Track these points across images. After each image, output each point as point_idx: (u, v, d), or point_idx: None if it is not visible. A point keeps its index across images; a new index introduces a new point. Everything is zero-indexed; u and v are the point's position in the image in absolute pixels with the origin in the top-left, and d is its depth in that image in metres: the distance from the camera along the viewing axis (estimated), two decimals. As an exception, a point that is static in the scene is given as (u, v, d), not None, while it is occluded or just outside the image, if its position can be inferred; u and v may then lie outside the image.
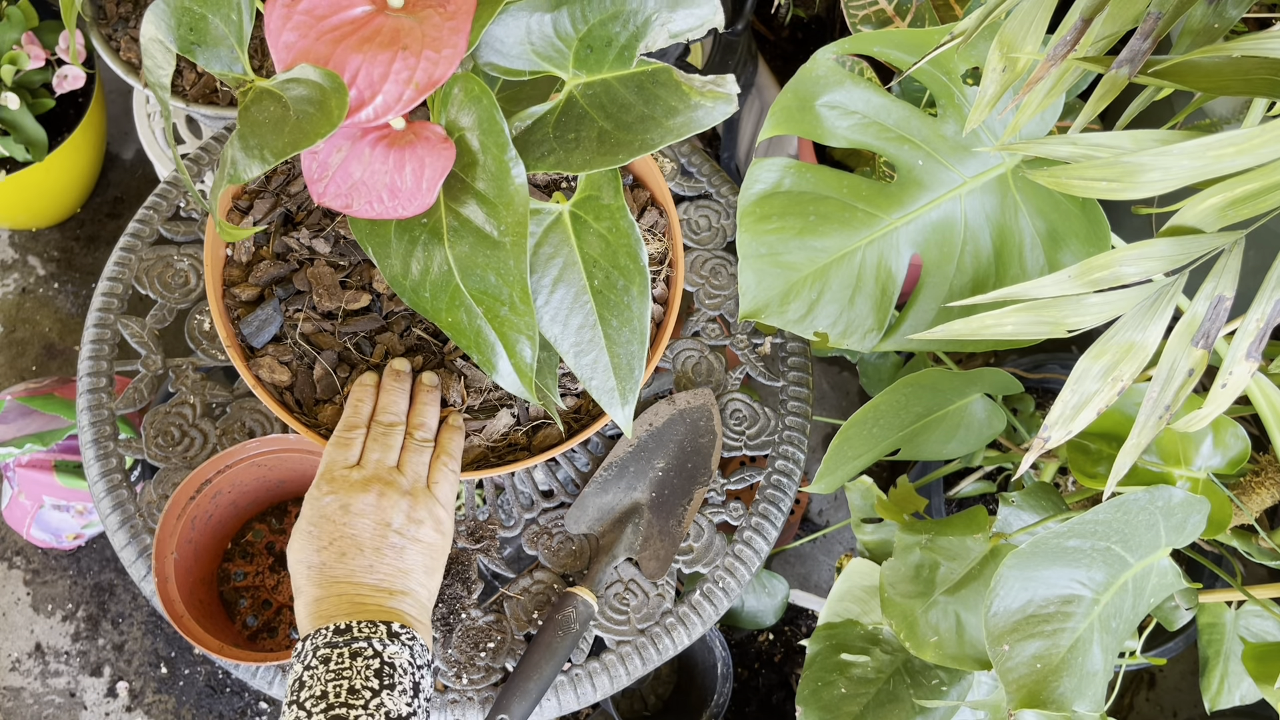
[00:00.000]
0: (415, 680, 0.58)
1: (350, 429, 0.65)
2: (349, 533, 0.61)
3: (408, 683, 0.57)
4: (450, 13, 0.46)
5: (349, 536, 0.61)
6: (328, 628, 0.57)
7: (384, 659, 0.57)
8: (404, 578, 0.61)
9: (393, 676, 0.56)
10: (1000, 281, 0.67)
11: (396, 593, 0.61)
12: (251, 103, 0.49)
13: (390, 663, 0.57)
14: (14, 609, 1.40)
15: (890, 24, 0.87)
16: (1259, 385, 0.62)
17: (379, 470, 0.63)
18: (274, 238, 0.72)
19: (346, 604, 0.59)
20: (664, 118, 0.49)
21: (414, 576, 0.62)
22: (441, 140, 0.50)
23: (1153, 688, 1.40)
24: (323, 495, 0.62)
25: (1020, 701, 0.61)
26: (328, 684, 0.55)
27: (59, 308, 1.56)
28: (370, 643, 0.57)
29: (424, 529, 0.63)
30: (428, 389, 0.68)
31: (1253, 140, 0.42)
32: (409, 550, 0.62)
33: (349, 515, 0.61)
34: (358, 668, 0.56)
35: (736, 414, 0.86)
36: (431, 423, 0.67)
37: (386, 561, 0.61)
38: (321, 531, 0.61)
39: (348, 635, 0.57)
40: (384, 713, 0.55)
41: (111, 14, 1.20)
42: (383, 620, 0.58)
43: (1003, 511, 0.72)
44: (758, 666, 1.26)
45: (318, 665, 0.56)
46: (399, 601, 0.60)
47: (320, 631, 0.57)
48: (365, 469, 0.63)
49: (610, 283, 0.56)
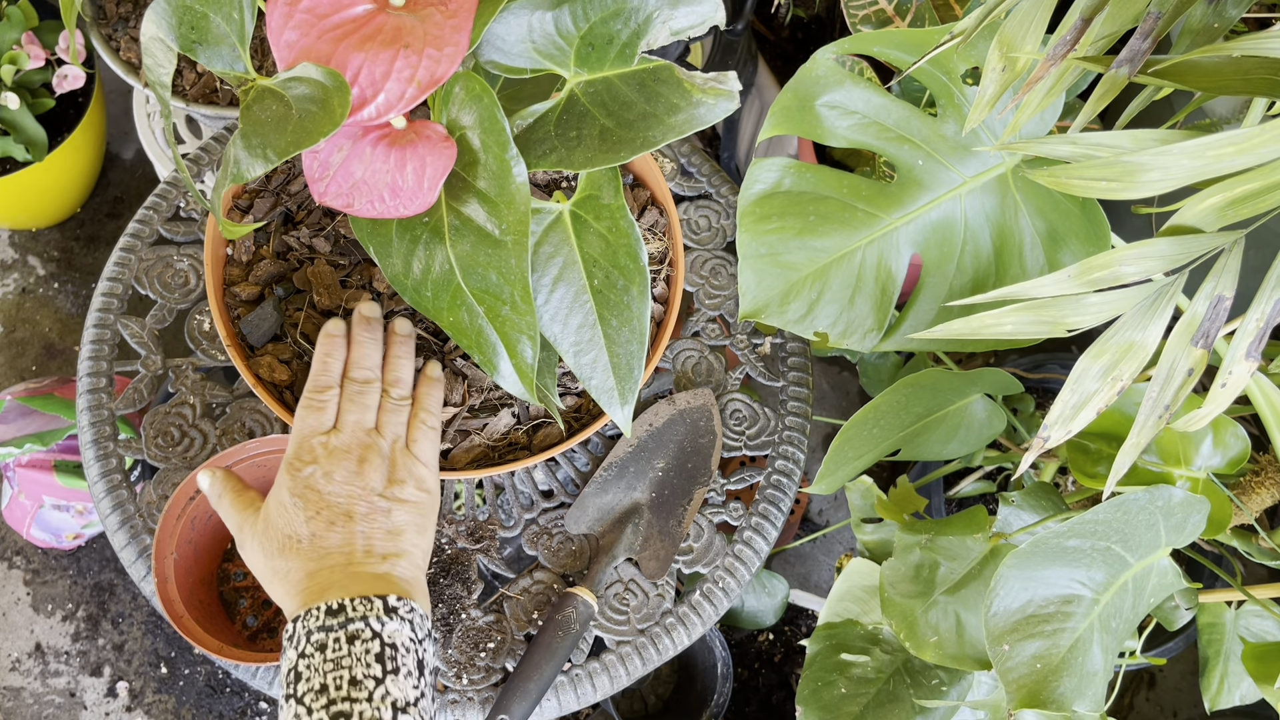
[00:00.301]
0: (419, 658, 0.56)
1: (322, 389, 0.62)
2: (334, 501, 0.59)
3: (411, 663, 0.55)
4: (452, 11, 0.46)
5: (335, 505, 0.59)
6: (319, 608, 0.55)
7: (384, 640, 0.54)
8: (395, 539, 0.60)
9: (395, 659, 0.54)
10: (1000, 281, 0.67)
11: (390, 555, 0.59)
12: (254, 102, 0.49)
13: (390, 643, 0.54)
14: (14, 609, 1.40)
15: (890, 24, 0.87)
16: (1259, 385, 0.62)
17: (357, 434, 0.61)
18: (274, 237, 0.72)
19: (340, 574, 0.57)
20: (666, 115, 0.49)
21: (406, 537, 0.60)
22: (443, 139, 0.50)
23: (1153, 688, 1.40)
24: (304, 466, 0.60)
25: (1020, 701, 0.61)
26: (327, 675, 0.53)
27: (59, 308, 1.56)
28: (367, 622, 0.54)
29: (407, 488, 0.61)
30: (401, 338, 0.65)
31: (1253, 140, 0.42)
32: (396, 512, 0.60)
33: (332, 484, 0.59)
34: (357, 654, 0.53)
35: (736, 414, 0.86)
36: (408, 377, 0.64)
37: (376, 525, 0.59)
38: (308, 503, 0.59)
39: (342, 616, 0.54)
40: (390, 703, 0.52)
41: (111, 14, 1.20)
42: (378, 594, 0.56)
43: (1003, 511, 0.72)
44: (758, 666, 1.26)
45: (314, 653, 0.53)
46: (392, 565, 0.59)
47: (311, 612, 0.55)
48: (342, 433, 0.61)
49: (610, 282, 0.56)
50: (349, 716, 0.51)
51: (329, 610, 0.55)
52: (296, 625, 0.55)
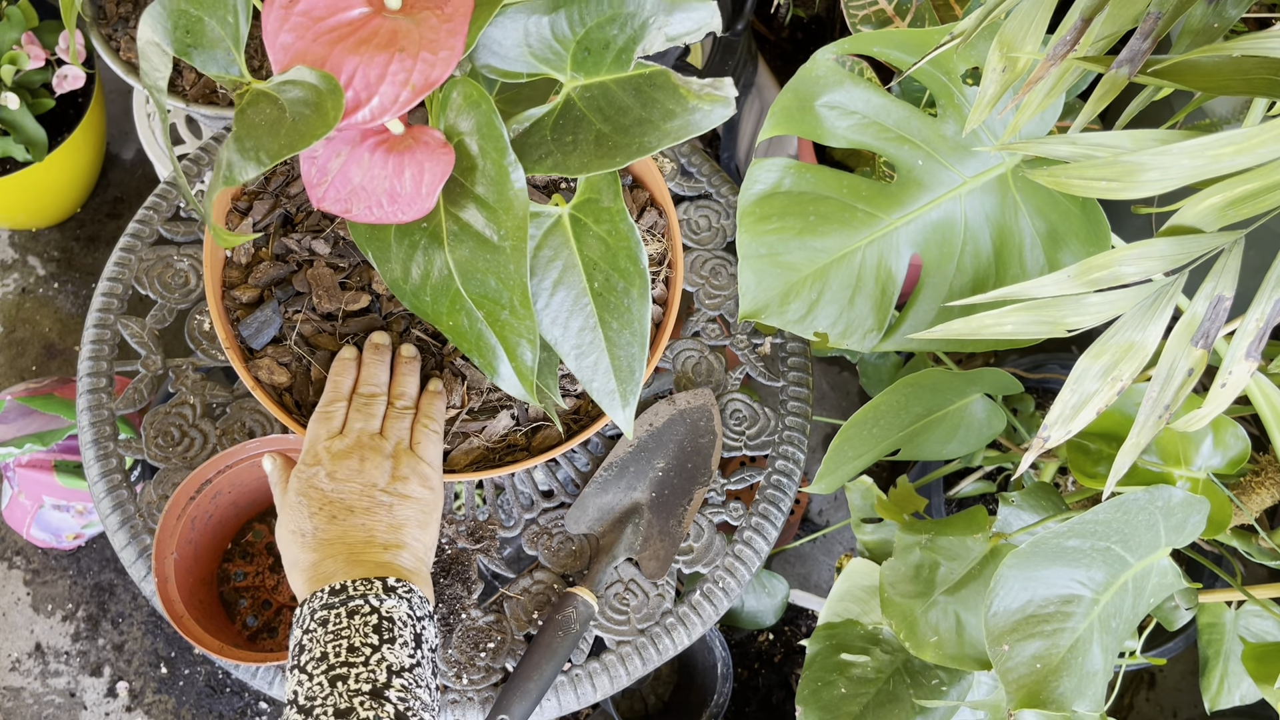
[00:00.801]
0: (416, 631, 0.58)
1: (332, 403, 0.66)
2: (336, 497, 0.62)
3: (408, 635, 0.57)
4: (447, 15, 0.46)
5: (337, 501, 0.62)
6: (323, 590, 0.58)
7: (381, 614, 0.57)
8: (397, 532, 0.62)
9: (392, 630, 0.57)
10: (1000, 281, 0.67)
11: (391, 546, 0.61)
12: (248, 105, 0.49)
13: (388, 617, 0.57)
14: (14, 609, 1.40)
15: (890, 24, 0.87)
16: (1259, 385, 0.62)
17: (361, 437, 0.64)
18: (273, 239, 0.72)
19: (343, 561, 0.59)
20: (661, 121, 0.49)
21: (408, 530, 0.62)
22: (441, 145, 0.50)
23: (1153, 688, 1.40)
24: (309, 467, 0.63)
25: (1020, 701, 0.61)
26: (327, 645, 0.55)
27: (59, 308, 1.56)
28: (367, 599, 0.57)
29: (410, 485, 0.63)
30: (407, 360, 0.69)
31: (1252, 140, 0.42)
32: (398, 506, 0.63)
33: (335, 482, 0.62)
34: (356, 625, 0.56)
35: (736, 414, 0.86)
36: (412, 391, 0.68)
37: (378, 518, 0.62)
38: (310, 500, 0.62)
39: (343, 595, 0.57)
40: (385, 666, 0.55)
41: (111, 14, 1.20)
42: (378, 576, 0.58)
43: (1003, 511, 0.72)
44: (758, 666, 1.26)
45: (316, 628, 0.56)
46: (394, 555, 0.61)
47: (316, 594, 0.58)
48: (347, 437, 0.64)
49: (610, 285, 0.56)
50: (345, 679, 0.54)
51: (331, 591, 0.58)
52: (303, 608, 0.58)
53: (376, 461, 0.63)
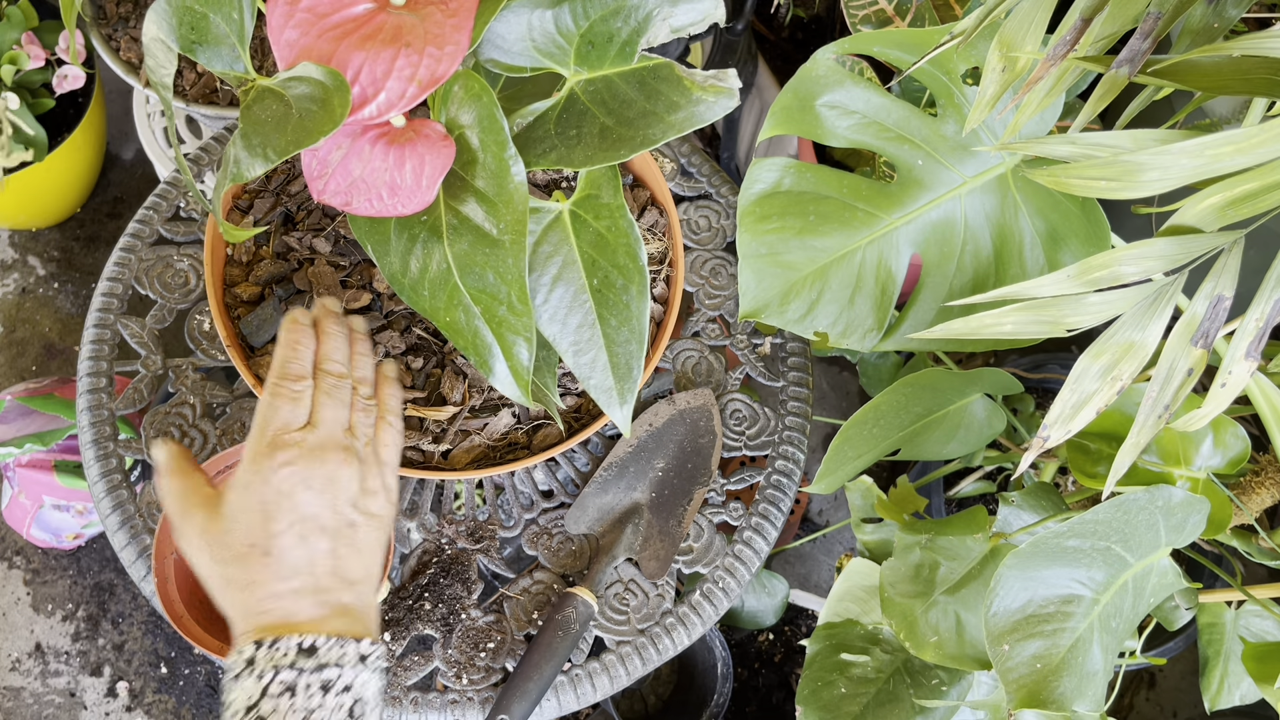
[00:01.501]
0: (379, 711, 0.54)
1: (295, 378, 0.56)
2: (309, 513, 0.54)
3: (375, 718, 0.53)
4: (452, 9, 0.46)
5: (309, 518, 0.54)
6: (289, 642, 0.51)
7: (354, 695, 0.52)
8: (360, 559, 0.55)
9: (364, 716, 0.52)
10: (1000, 281, 0.67)
11: (355, 581, 0.55)
12: (254, 101, 0.49)
13: (359, 698, 0.52)
14: (14, 609, 1.40)
15: (890, 24, 0.87)
16: (1259, 385, 0.62)
17: (335, 434, 0.56)
18: (274, 237, 0.72)
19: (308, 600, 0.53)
20: (666, 113, 0.49)
21: (369, 556, 0.56)
22: (441, 138, 0.50)
23: (1153, 688, 1.40)
24: (277, 466, 0.54)
25: (1020, 701, 0.61)
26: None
27: (59, 308, 1.56)
28: (342, 671, 0.51)
29: (377, 501, 0.57)
30: (360, 336, 0.62)
31: (1252, 140, 0.42)
32: (363, 528, 0.56)
33: (309, 492, 0.54)
34: (330, 707, 0.50)
35: (736, 414, 0.86)
36: (372, 375, 0.61)
37: (345, 542, 0.55)
38: (280, 511, 0.53)
39: (315, 659, 0.51)
40: None
41: (111, 14, 1.20)
42: (352, 635, 0.53)
43: (1003, 511, 0.72)
44: (758, 666, 1.26)
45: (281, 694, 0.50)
46: (358, 593, 0.55)
47: (279, 645, 0.51)
48: (318, 431, 0.56)
49: (609, 282, 0.56)
50: None
51: (301, 649, 0.51)
52: (259, 651, 0.51)
53: (350, 470, 0.55)
